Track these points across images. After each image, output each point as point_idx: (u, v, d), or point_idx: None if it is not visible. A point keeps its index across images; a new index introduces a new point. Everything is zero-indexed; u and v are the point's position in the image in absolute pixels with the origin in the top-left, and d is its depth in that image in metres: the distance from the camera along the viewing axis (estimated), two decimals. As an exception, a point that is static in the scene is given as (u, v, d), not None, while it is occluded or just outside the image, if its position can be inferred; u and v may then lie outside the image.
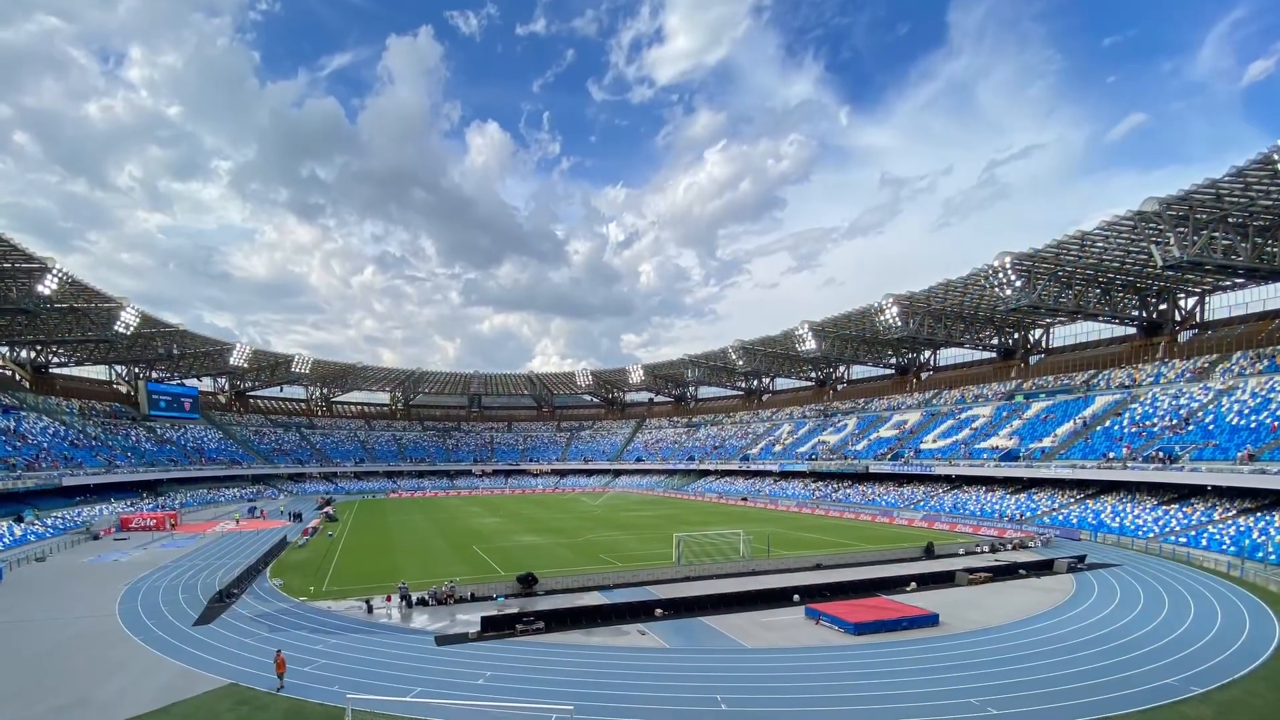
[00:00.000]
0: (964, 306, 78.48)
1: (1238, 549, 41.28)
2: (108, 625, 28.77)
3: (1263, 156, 41.35)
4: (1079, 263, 61.67)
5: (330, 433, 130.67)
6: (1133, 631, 26.65)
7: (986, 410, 79.92)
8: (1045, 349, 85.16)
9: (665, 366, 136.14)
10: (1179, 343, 68.16)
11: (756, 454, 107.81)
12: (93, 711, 19.04)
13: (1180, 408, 58.75)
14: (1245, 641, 25.13)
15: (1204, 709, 18.76)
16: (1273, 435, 47.75)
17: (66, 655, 24.64)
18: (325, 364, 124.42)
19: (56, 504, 64.91)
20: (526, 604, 31.78)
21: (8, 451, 64.61)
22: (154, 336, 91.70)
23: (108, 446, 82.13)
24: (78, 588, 36.90)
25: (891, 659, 23.59)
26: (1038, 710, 18.66)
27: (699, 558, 43.66)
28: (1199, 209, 47.98)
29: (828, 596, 32.35)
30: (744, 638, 26.46)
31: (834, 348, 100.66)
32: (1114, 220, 52.43)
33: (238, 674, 22.08)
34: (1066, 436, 64.77)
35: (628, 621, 28.75)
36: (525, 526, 65.16)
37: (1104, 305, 69.50)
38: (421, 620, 29.54)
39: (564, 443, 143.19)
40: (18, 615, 30.81)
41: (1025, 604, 31.56)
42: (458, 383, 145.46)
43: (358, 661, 23.51)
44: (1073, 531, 53.38)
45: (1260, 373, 56.57)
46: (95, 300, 73.96)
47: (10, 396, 78.65)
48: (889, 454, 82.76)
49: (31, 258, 60.02)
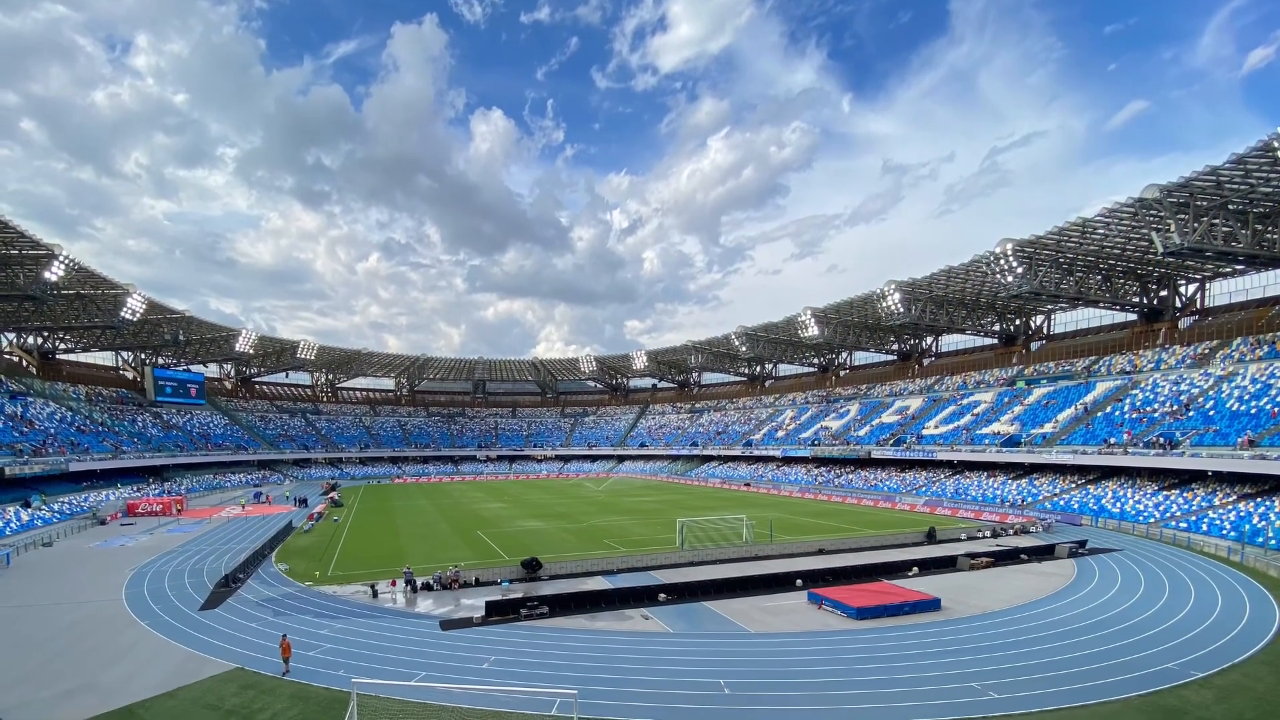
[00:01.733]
0: (966, 293, 78.31)
1: (1238, 534, 41.39)
2: (114, 610, 28.95)
3: (1263, 144, 41.35)
4: (1080, 249, 61.54)
5: (335, 418, 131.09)
6: (1133, 616, 26.74)
7: (988, 396, 79.83)
8: (1047, 335, 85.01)
9: (669, 352, 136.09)
10: (1180, 329, 68.05)
11: (759, 440, 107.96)
12: (100, 695, 19.13)
13: (1181, 394, 58.71)
14: (1245, 626, 25.20)
15: (1204, 693, 18.83)
16: (1273, 421, 47.72)
17: (73, 639, 24.79)
18: (330, 350, 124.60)
19: (63, 489, 65.41)
20: (531, 589, 31.97)
21: (15, 437, 64.95)
22: (160, 323, 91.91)
23: (114, 432, 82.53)
24: (84, 572, 37.14)
25: (893, 643, 23.70)
26: (1039, 694, 18.73)
27: (702, 543, 43.86)
28: (1199, 196, 47.91)
29: (830, 581, 32.51)
30: (747, 622, 26.59)
31: (836, 334, 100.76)
32: (1115, 207, 52.37)
33: (244, 658, 22.22)
34: (1068, 422, 64.75)
35: (631, 606, 28.91)
36: (529, 512, 65.49)
37: (1105, 292, 69.42)
38: (426, 605, 29.70)
39: (568, 428, 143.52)
40: (25, 600, 31.08)
41: (1027, 589, 31.68)
42: (462, 369, 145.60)
43: (363, 646, 23.65)
44: (1074, 517, 53.51)
45: (1260, 359, 56.51)
46: (102, 287, 74.14)
47: (17, 382, 78.96)
48: (891, 439, 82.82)
49: (38, 244, 60.16)
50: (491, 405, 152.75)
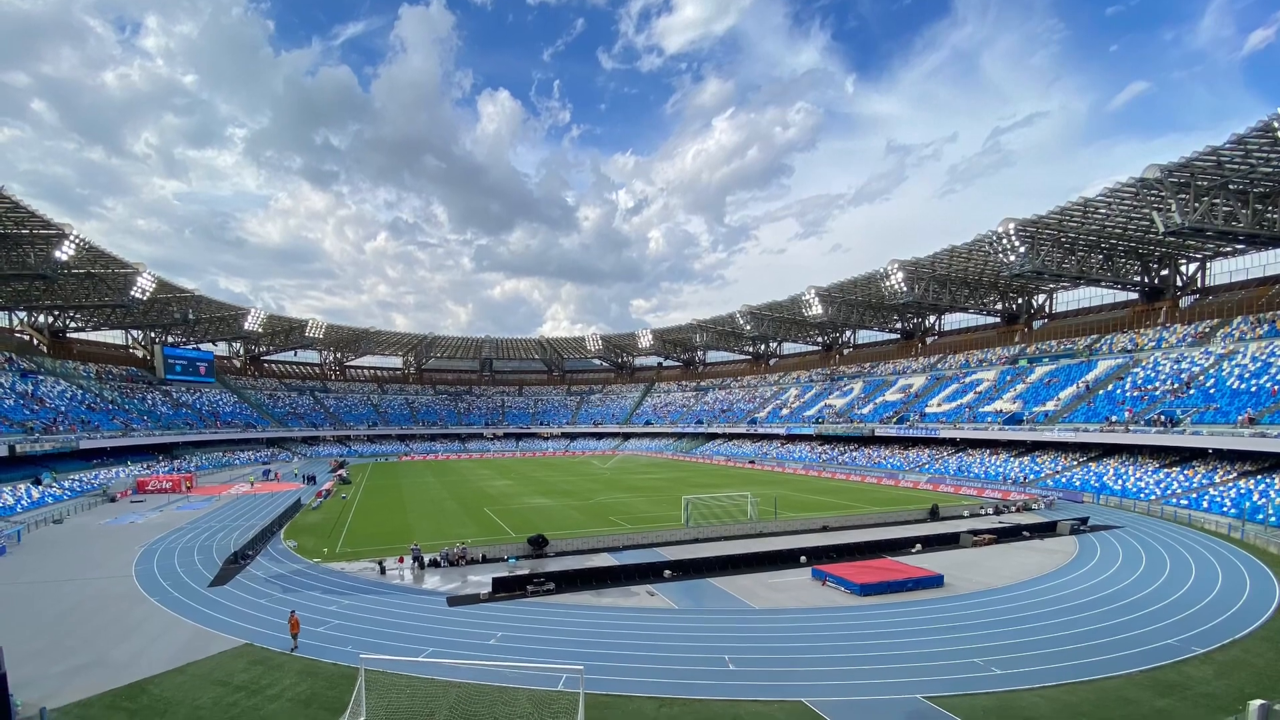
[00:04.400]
0: (968, 272, 78.51)
1: (1238, 511, 41.50)
2: (125, 586, 29.21)
3: (1263, 124, 41.56)
4: (1082, 229, 61.61)
5: (343, 396, 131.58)
6: (1135, 592, 26.88)
7: (991, 374, 79.70)
8: (1048, 314, 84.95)
9: (674, 331, 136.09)
10: (1180, 308, 68.07)
11: (764, 418, 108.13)
12: (110, 671, 19.29)
13: (1181, 372, 58.68)
14: (1246, 602, 25.33)
15: (1205, 669, 18.96)
16: (1273, 399, 47.67)
17: (84, 616, 25.00)
18: (338, 329, 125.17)
19: (74, 467, 65.91)
20: (537, 565, 32.25)
21: (26, 415, 65.36)
22: (170, 302, 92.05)
23: (124, 410, 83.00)
24: (95, 549, 37.51)
25: (897, 619, 23.88)
26: (1041, 670, 18.87)
27: (707, 520, 44.13)
28: (1200, 176, 48.01)
29: (834, 558, 32.69)
30: (751, 599, 26.80)
31: (840, 313, 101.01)
32: (1117, 187, 52.50)
33: (253, 634, 22.42)
34: (1069, 400, 64.72)
35: (637, 583, 29.14)
36: (536, 489, 65.94)
37: (1107, 271, 69.44)
38: (433, 581, 29.98)
39: (574, 406, 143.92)
40: (36, 576, 31.38)
41: (1029, 565, 31.84)
42: (469, 347, 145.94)
43: (371, 622, 23.87)
44: (1075, 494, 53.63)
45: (1260, 337, 56.49)
46: (112, 266, 74.25)
47: (28, 361, 79.33)
48: (894, 417, 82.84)
49: (49, 224, 60.32)
50: (498, 383, 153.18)
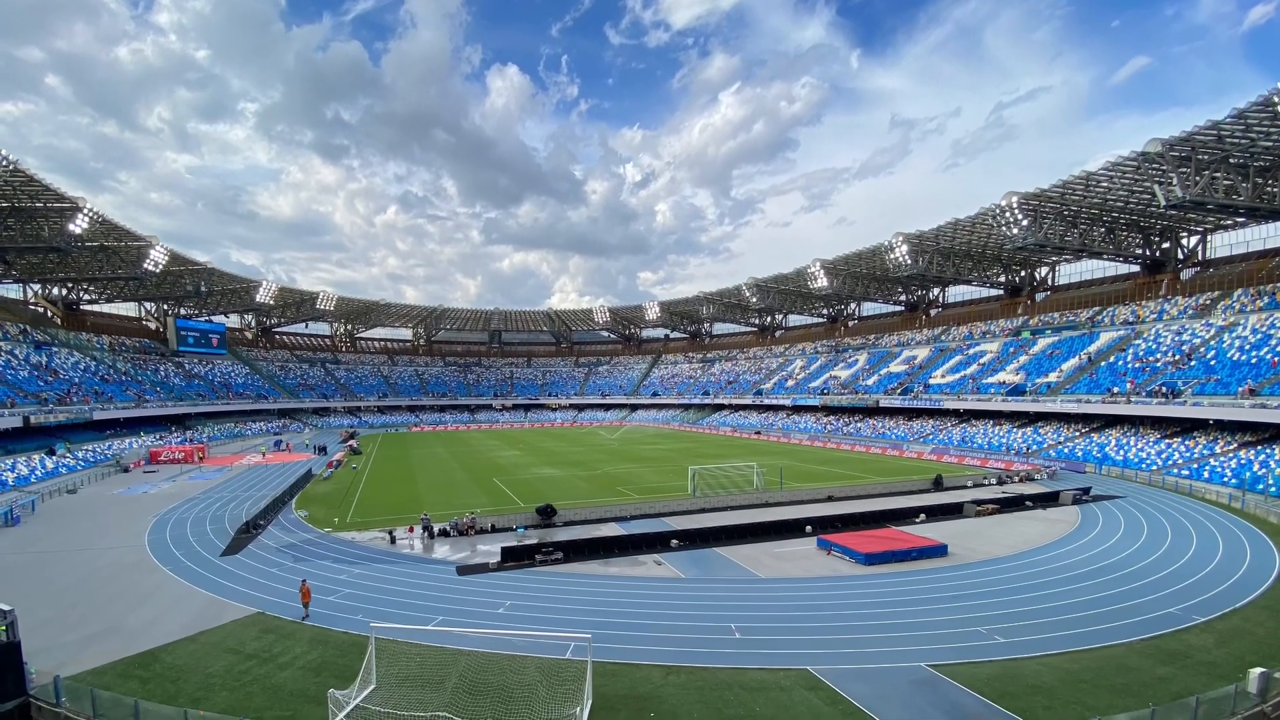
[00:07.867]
0: (972, 245, 78.39)
1: (1238, 481, 41.71)
2: (138, 555, 29.54)
3: (1263, 99, 41.56)
4: (1084, 202, 61.31)
5: (354, 368, 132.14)
6: (1136, 562, 27.07)
7: (994, 346, 79.48)
8: (1051, 286, 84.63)
9: (681, 303, 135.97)
10: (1181, 280, 67.87)
11: (770, 389, 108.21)
12: (123, 639, 19.59)
13: (1183, 344, 58.64)
14: (1246, 571, 25.52)
15: (1205, 637, 19.16)
16: (1273, 370, 47.72)
17: (97, 585, 25.29)
18: (349, 301, 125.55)
19: (87, 437, 66.68)
20: (545, 535, 32.65)
21: (40, 386, 65.95)
22: (182, 274, 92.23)
23: (137, 381, 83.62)
24: (108, 519, 37.91)
25: (901, 588, 24.14)
26: (1043, 638, 19.10)
27: (713, 490, 44.44)
28: (1201, 150, 47.94)
29: (839, 527, 32.94)
30: (757, 568, 27.07)
31: (845, 285, 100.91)
32: (1118, 161, 52.46)
33: (264, 603, 22.70)
34: (1072, 372, 64.70)
35: (644, 552, 29.45)
36: (544, 459, 66.42)
37: (1108, 244, 69.40)
38: (443, 551, 30.30)
39: (582, 378, 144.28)
40: (50, 546, 31.77)
41: (1031, 535, 32.07)
42: (478, 319, 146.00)
43: (381, 591, 24.18)
44: (1078, 464, 53.79)
45: (1261, 309, 56.36)
46: (125, 239, 74.35)
47: (42, 333, 79.82)
48: (899, 389, 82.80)
49: (63, 197, 60.47)
50: (507, 355, 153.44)
